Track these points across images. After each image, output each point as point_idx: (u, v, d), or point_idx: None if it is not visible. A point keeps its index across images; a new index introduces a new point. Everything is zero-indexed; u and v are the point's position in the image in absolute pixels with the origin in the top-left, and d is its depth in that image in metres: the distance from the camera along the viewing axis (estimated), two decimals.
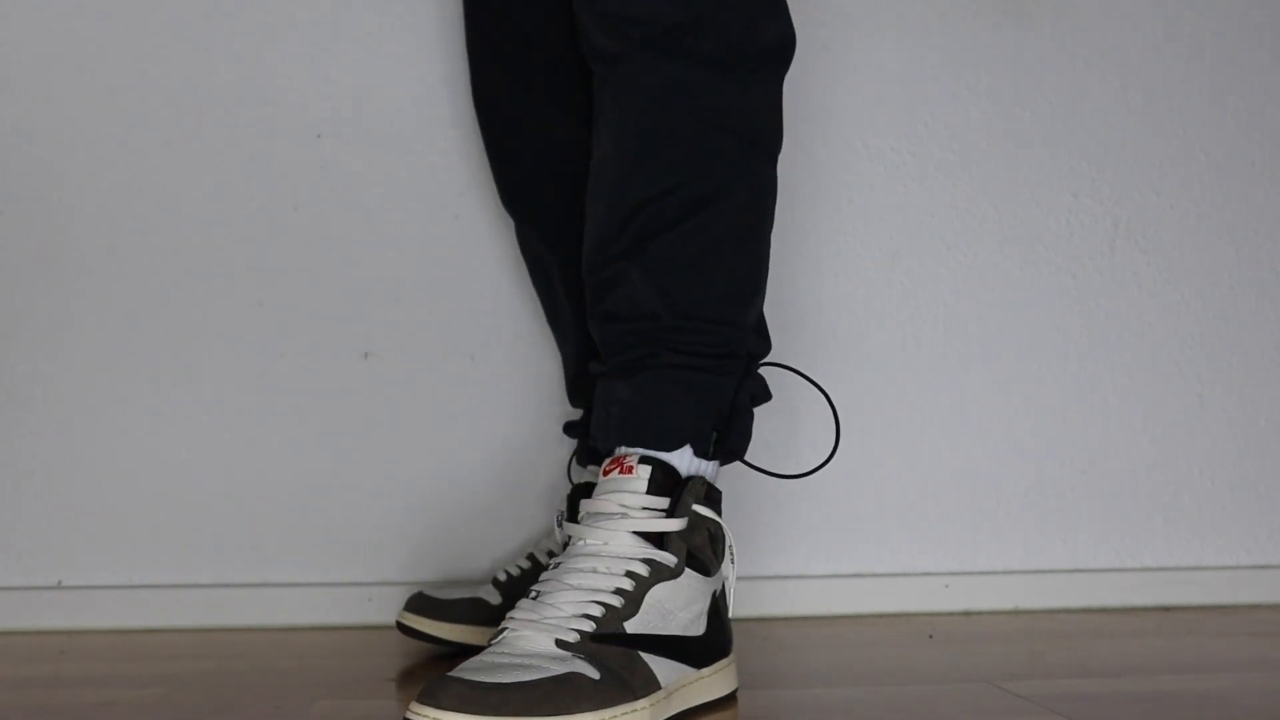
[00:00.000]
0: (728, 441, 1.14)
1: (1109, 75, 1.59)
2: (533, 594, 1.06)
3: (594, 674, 0.99)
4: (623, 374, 1.13)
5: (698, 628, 1.09)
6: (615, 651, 1.02)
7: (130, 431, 1.47)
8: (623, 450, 1.11)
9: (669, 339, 1.12)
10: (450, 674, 0.97)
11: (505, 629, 1.03)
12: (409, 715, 0.94)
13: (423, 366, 1.49)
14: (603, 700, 0.98)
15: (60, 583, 1.46)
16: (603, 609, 1.03)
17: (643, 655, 1.04)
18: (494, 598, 1.34)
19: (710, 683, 1.11)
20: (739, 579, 1.51)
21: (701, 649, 1.10)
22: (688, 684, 1.08)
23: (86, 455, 1.46)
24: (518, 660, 0.99)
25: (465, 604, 1.34)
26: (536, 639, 1.01)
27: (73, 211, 1.46)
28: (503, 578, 1.37)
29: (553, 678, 0.97)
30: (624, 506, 1.08)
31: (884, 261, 1.56)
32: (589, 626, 1.02)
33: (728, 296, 1.14)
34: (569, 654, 1.00)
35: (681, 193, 1.11)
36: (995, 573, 1.57)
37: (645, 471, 1.09)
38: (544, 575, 1.08)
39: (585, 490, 1.20)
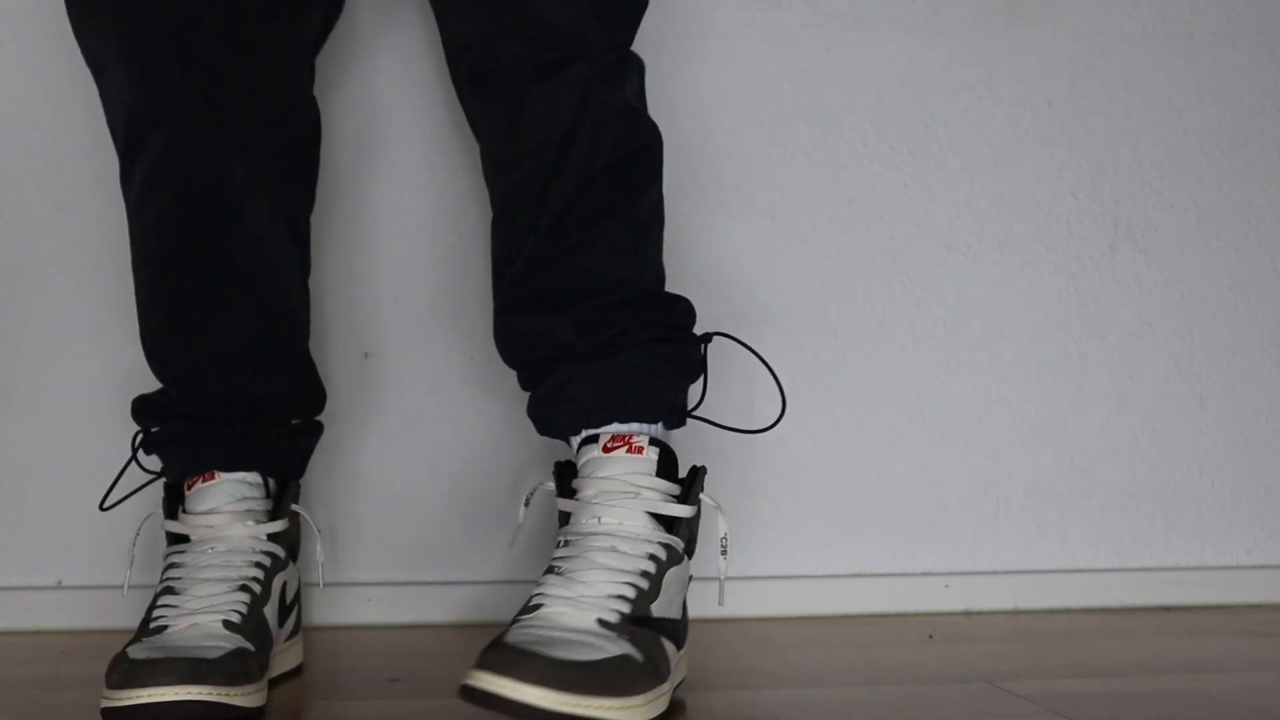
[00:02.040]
0: (691, 405, 1.20)
1: (1109, 75, 1.59)
2: (558, 569, 1.06)
3: (639, 656, 1.00)
4: (600, 354, 1.15)
5: (677, 610, 1.12)
6: (647, 634, 1.04)
7: (130, 431, 1.46)
8: (616, 428, 1.14)
9: (647, 312, 1.16)
10: (513, 644, 0.96)
11: (540, 603, 1.04)
12: (478, 684, 0.93)
13: (423, 366, 1.49)
14: (646, 683, 1.00)
15: (60, 583, 1.46)
16: (635, 591, 1.05)
17: (661, 638, 1.06)
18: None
19: (682, 664, 1.15)
20: (740, 578, 1.52)
21: (679, 631, 1.13)
22: (674, 665, 1.10)
23: (86, 455, 1.46)
24: (572, 636, 0.99)
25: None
26: (577, 616, 1.02)
27: (73, 212, 1.46)
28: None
29: (614, 659, 0.98)
30: (637, 486, 1.10)
31: (884, 261, 1.56)
32: (627, 608, 1.04)
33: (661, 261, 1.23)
34: (614, 634, 1.01)
35: (636, 157, 1.18)
36: (995, 573, 1.57)
37: (654, 454, 1.12)
38: (564, 552, 1.08)
39: (572, 469, 1.18)
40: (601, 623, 1.02)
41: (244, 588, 1.16)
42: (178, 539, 1.21)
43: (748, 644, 1.37)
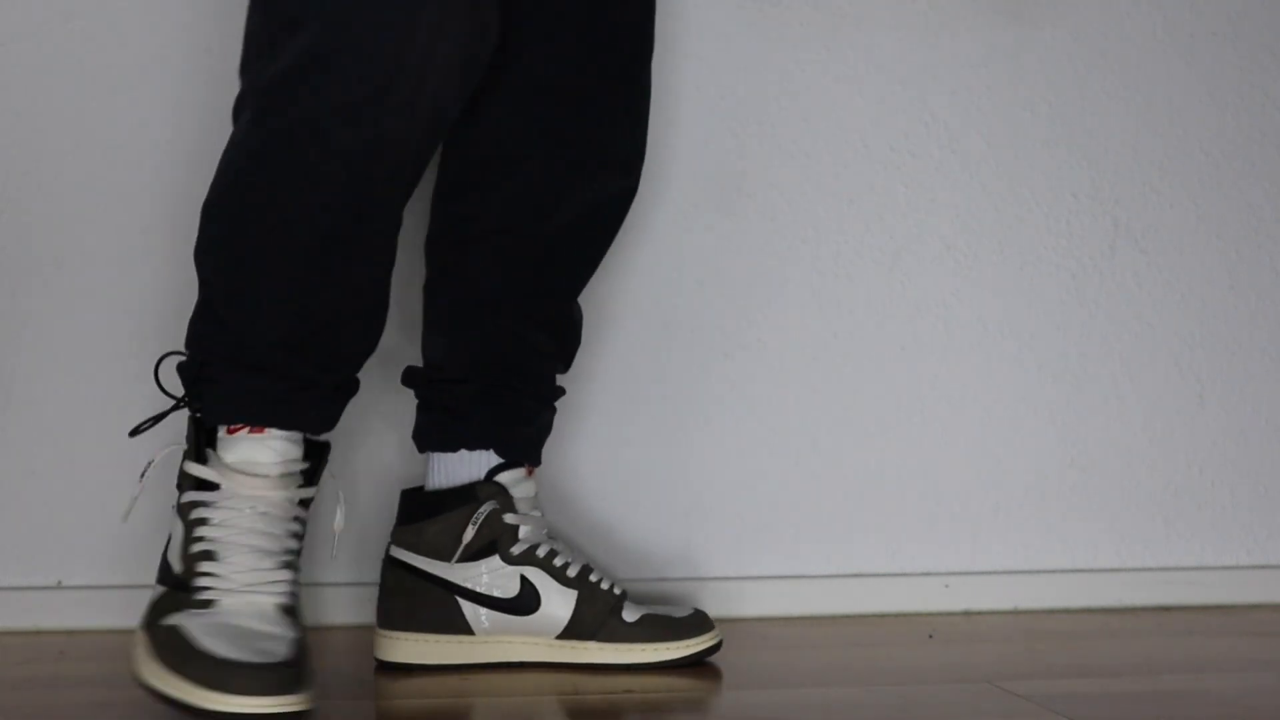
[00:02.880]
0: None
1: (1109, 75, 1.59)
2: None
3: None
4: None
5: None
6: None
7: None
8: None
9: None
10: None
11: None
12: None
13: None
14: None
15: (60, 583, 1.46)
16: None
17: None
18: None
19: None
20: (741, 578, 1.52)
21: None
22: None
23: (86, 455, 1.46)
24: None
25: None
26: None
27: (73, 211, 1.46)
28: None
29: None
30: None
31: (884, 261, 1.56)
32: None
33: None
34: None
35: None
36: (995, 573, 1.57)
37: None
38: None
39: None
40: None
41: (288, 564, 1.14)
42: (202, 484, 1.16)
43: (748, 644, 1.37)
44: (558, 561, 1.30)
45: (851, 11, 1.55)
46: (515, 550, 1.29)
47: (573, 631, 1.28)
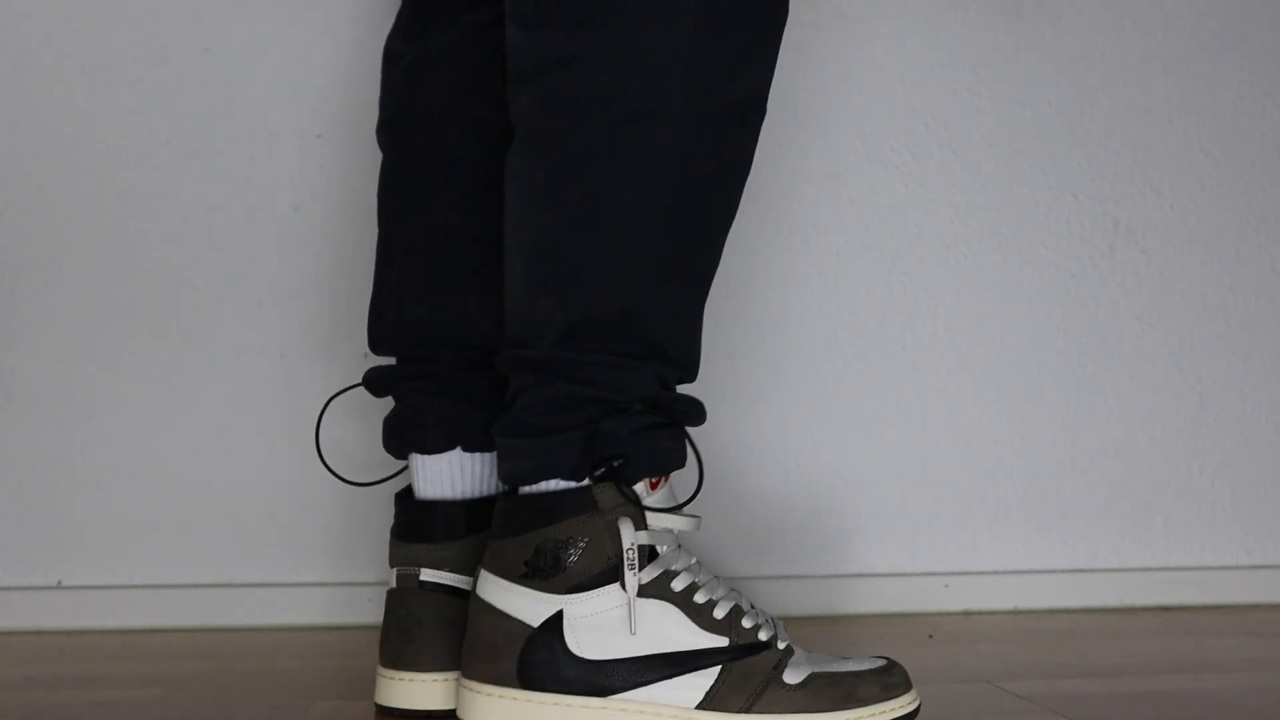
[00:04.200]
0: None
1: (1109, 75, 1.60)
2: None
3: None
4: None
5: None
6: None
7: (130, 431, 1.47)
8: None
9: None
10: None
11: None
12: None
13: None
14: None
15: (60, 583, 1.46)
16: None
17: None
18: None
19: None
20: (741, 579, 1.52)
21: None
22: None
23: (86, 455, 1.46)
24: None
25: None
26: None
27: (73, 211, 1.46)
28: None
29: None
30: None
31: (884, 261, 1.56)
32: None
33: None
34: None
35: None
36: (995, 573, 1.57)
37: None
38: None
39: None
40: None
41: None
42: (651, 552, 1.06)
43: None
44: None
45: (852, 11, 1.55)
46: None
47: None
